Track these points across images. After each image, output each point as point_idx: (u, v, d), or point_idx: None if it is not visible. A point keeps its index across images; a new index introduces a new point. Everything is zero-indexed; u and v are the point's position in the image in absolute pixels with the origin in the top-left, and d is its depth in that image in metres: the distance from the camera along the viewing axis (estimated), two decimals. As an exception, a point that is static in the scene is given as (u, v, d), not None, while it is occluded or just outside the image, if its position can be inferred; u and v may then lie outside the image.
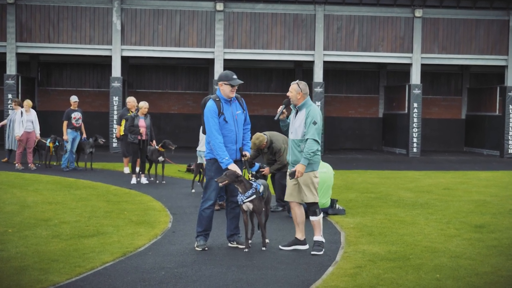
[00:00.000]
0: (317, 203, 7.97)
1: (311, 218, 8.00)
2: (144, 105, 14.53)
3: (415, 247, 8.15)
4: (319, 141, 7.77)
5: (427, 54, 24.31)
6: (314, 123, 7.73)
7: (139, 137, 14.40)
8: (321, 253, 7.83)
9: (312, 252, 7.84)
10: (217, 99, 7.91)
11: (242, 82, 8.04)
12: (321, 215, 8.05)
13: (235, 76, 7.95)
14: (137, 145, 14.45)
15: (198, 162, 13.09)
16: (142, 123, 14.44)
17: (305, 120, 7.80)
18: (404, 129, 24.96)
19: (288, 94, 7.97)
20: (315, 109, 7.87)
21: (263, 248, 7.92)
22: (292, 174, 7.81)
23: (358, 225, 9.70)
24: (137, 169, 14.72)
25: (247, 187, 7.84)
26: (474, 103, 27.91)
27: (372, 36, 24.09)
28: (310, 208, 7.97)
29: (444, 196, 12.95)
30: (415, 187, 14.53)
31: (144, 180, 14.64)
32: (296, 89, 7.87)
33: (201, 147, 12.70)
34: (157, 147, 14.81)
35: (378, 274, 6.84)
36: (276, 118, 8.28)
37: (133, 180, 14.59)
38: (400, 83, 27.42)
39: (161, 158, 14.77)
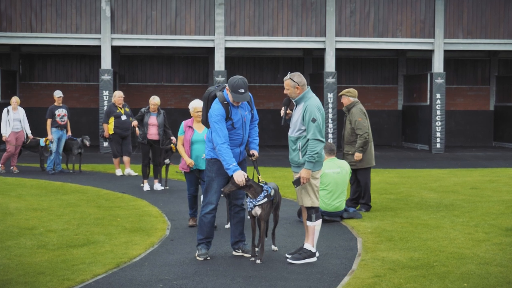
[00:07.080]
0: (315, 207, 7.93)
1: (307, 223, 7.98)
2: (152, 100, 14.03)
3: (439, 254, 8.15)
4: (323, 139, 7.72)
5: (451, 39, 24.24)
6: (313, 120, 7.66)
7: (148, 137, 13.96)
8: (298, 262, 7.77)
9: (288, 260, 7.82)
10: (225, 102, 7.84)
11: (246, 100, 7.85)
12: (318, 222, 7.95)
13: (242, 90, 7.73)
14: (148, 146, 14.02)
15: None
16: (153, 120, 14.00)
17: (302, 117, 7.75)
18: (426, 122, 24.92)
19: (285, 92, 7.92)
20: (314, 103, 7.76)
21: (258, 261, 7.79)
22: (297, 182, 7.77)
23: (377, 229, 9.71)
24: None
25: (257, 191, 7.82)
26: (503, 92, 27.85)
27: (389, 20, 24.04)
28: (308, 212, 7.96)
29: (472, 197, 12.94)
30: (439, 186, 14.52)
31: (158, 186, 14.16)
32: (291, 84, 7.83)
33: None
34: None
35: (399, 284, 6.85)
36: (282, 123, 8.25)
37: (146, 187, 14.09)
38: (421, 71, 27.38)
39: (167, 161, 14.44)
